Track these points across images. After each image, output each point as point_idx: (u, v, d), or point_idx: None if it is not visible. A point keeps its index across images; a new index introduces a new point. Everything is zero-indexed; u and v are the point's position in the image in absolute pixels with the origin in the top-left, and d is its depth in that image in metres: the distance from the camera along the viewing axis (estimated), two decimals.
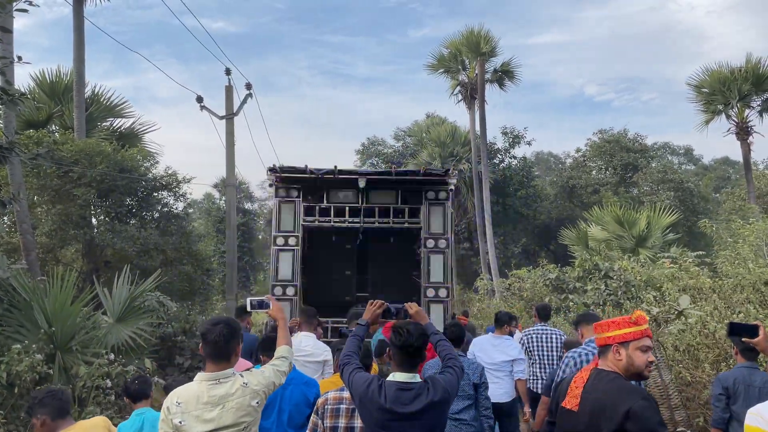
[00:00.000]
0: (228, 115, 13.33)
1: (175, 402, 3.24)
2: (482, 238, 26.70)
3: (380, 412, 3.29)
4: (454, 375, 3.52)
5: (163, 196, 13.39)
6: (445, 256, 9.18)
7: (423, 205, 9.19)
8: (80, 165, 11.54)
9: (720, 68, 23.06)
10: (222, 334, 3.28)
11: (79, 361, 7.14)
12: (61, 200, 11.58)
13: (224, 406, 3.21)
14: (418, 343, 3.39)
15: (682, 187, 29.59)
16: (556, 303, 15.31)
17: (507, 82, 27.38)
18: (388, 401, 3.28)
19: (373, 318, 3.95)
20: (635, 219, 17.47)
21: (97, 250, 12.72)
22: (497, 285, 21.24)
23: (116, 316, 8.21)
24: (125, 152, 12.39)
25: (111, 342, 8.00)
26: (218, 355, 3.29)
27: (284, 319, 3.88)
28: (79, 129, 13.73)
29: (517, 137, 33.20)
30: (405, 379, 3.36)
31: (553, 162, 58.10)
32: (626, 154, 33.10)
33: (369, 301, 4.03)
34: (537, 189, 34.58)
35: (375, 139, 41.01)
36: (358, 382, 3.42)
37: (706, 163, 59.38)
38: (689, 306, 7.38)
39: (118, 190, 11.98)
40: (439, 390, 3.35)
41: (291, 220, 9.28)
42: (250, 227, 43.00)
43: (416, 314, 3.86)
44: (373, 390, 3.33)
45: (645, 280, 13.44)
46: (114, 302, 8.26)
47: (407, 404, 3.28)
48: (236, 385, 3.28)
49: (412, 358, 3.41)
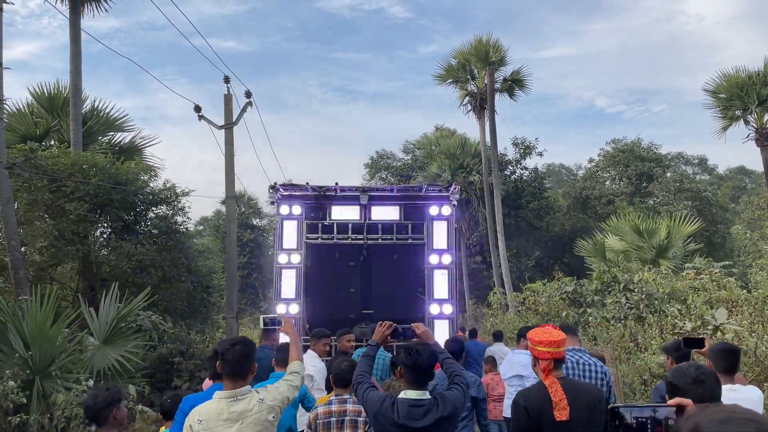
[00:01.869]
0: (227, 125, 12.82)
1: (196, 420, 3.39)
2: (494, 251, 26.00)
3: (394, 428, 3.52)
4: (461, 391, 3.76)
5: (162, 210, 12.86)
6: (449, 271, 9.08)
7: (426, 221, 9.11)
8: (73, 179, 11.06)
9: (737, 73, 22.31)
10: (241, 354, 3.45)
11: (60, 388, 6.58)
12: (54, 215, 11.08)
13: (243, 422, 3.38)
14: (428, 363, 3.62)
15: (699, 196, 28.78)
16: (574, 317, 14.62)
17: (517, 91, 26.78)
18: (401, 417, 3.50)
19: (383, 339, 4.10)
20: (655, 228, 16.72)
21: (93, 268, 12.20)
22: (511, 299, 20.51)
23: (102, 338, 7.63)
24: (120, 165, 11.89)
25: (98, 366, 7.43)
26: (236, 374, 3.46)
27: (296, 335, 4.05)
28: (76, 142, 13.30)
29: (528, 148, 32.56)
30: (416, 396, 3.58)
31: (564, 174, 57.39)
32: (641, 163, 32.31)
33: (378, 322, 4.17)
34: (549, 200, 33.87)
35: (384, 152, 40.52)
36: (372, 399, 3.64)
37: (721, 172, 58.46)
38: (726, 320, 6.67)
39: (113, 204, 11.46)
40: (448, 406, 3.59)
41: (294, 237, 9.19)
42: (259, 243, 42.54)
43: (423, 334, 4.07)
44: (386, 407, 3.55)
45: (668, 292, 12.74)
46: (100, 322, 7.68)
47: (418, 419, 3.51)
48: (253, 401, 3.45)
49: (422, 377, 3.63)
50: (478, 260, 33.11)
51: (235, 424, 3.38)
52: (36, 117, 15.83)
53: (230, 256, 13.11)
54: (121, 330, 7.71)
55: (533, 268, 31.85)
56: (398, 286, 9.70)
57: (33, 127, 15.23)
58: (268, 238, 43.65)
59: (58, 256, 11.16)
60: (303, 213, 9.26)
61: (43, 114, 15.81)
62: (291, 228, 9.26)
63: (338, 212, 9.34)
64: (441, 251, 9.12)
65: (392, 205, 9.36)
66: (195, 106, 12.68)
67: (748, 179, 56.97)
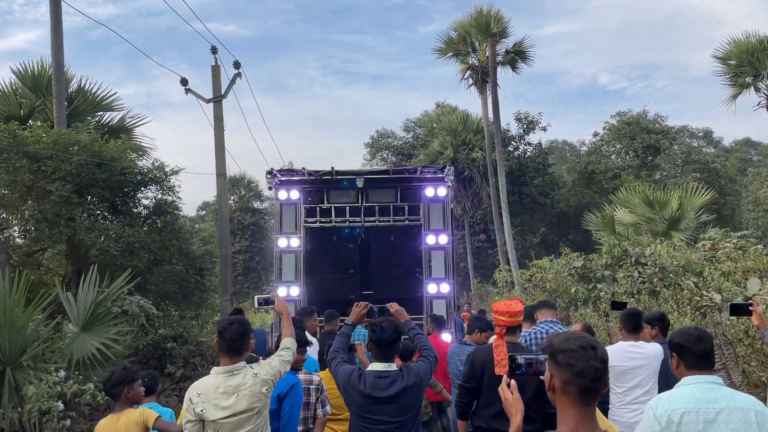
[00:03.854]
0: (215, 98, 12.18)
1: (195, 393, 3.67)
2: (499, 228, 25.41)
3: (361, 398, 3.76)
4: (428, 363, 3.99)
5: (152, 191, 12.25)
6: (446, 251, 9.29)
7: (422, 202, 9.30)
8: (54, 158, 10.46)
9: (747, 38, 21.50)
10: (237, 332, 3.73)
11: (33, 379, 6.03)
12: (36, 197, 10.50)
13: (238, 394, 3.65)
14: (391, 338, 3.86)
15: (707, 168, 28.09)
16: (583, 293, 14.08)
17: (520, 64, 25.99)
18: (367, 387, 3.75)
19: (358, 318, 4.37)
20: (666, 200, 16.05)
21: (81, 251, 11.64)
22: (517, 276, 19.95)
23: (81, 324, 7.07)
24: (103, 143, 11.26)
25: (77, 354, 6.90)
26: (233, 350, 3.74)
27: (288, 314, 4.36)
28: (60, 121, 12.63)
29: (531, 123, 31.81)
30: (382, 368, 3.83)
31: (568, 150, 56.55)
32: (647, 135, 31.52)
33: (355, 303, 4.48)
34: (554, 176, 33.17)
35: (384, 131, 39.81)
36: (341, 373, 3.91)
37: (726, 145, 57.56)
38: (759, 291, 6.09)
39: (98, 184, 10.85)
40: (412, 376, 3.83)
41: (293, 221, 9.40)
42: (260, 226, 42.08)
43: (396, 313, 4.33)
44: (354, 379, 3.81)
45: (683, 265, 12.15)
46: (79, 308, 7.12)
47: (384, 389, 3.74)
48: (248, 376, 3.72)
49: (387, 350, 3.88)
50: (482, 239, 32.53)
51: (232, 396, 3.64)
52: (20, 97, 15.19)
53: (223, 236, 12.54)
54: (100, 316, 7.13)
55: (538, 245, 31.28)
56: (396, 267, 9.91)
57: (17, 108, 14.59)
58: (269, 221, 43.15)
59: (41, 240, 10.59)
60: (301, 197, 9.43)
61: (28, 94, 15.16)
62: (289, 212, 9.43)
63: (336, 196, 9.55)
64: (437, 231, 9.29)
65: (388, 188, 9.57)
66: (181, 79, 12.06)
67: (754, 151, 56.13)
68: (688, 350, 3.11)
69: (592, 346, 2.07)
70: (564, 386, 2.07)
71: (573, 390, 2.05)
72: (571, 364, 2.04)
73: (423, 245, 9.32)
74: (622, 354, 5.01)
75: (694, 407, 2.91)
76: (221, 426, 3.63)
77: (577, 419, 2.06)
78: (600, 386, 2.07)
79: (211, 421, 3.63)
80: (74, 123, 14.21)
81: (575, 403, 2.06)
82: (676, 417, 2.88)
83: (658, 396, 3.11)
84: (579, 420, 2.06)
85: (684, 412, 2.88)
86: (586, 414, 2.07)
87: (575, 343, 2.08)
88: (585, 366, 2.03)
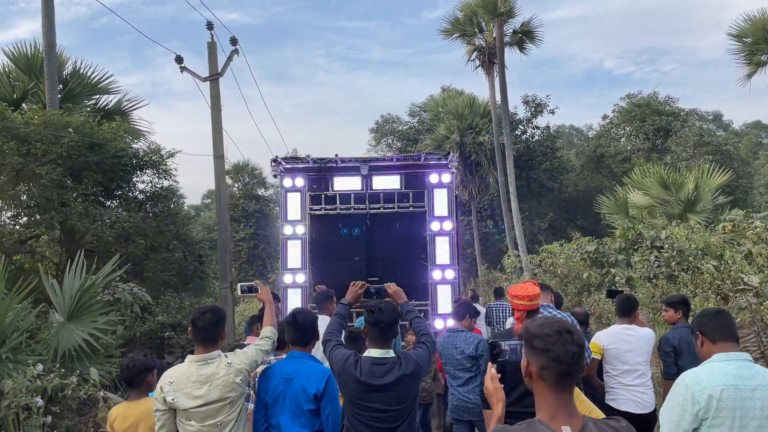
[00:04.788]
0: (212, 76, 11.64)
1: (167, 381, 3.58)
2: (507, 213, 24.87)
3: (356, 385, 3.59)
4: (426, 350, 3.81)
5: (148, 175, 11.79)
6: (450, 238, 9.34)
7: (426, 189, 9.34)
8: (44, 141, 10.01)
9: (763, 15, 20.79)
10: (210, 321, 3.64)
11: (12, 372, 5.60)
12: (25, 181, 10.06)
13: (211, 384, 3.57)
14: (389, 320, 3.66)
15: (720, 150, 27.40)
16: (596, 278, 13.58)
17: (528, 44, 25.31)
18: (363, 374, 3.58)
19: (355, 298, 4.19)
20: (682, 181, 15.47)
21: (76, 238, 11.22)
22: (526, 261, 19.45)
23: (67, 314, 6.63)
24: (94, 123, 10.79)
25: (64, 345, 6.47)
26: (206, 340, 3.66)
27: (271, 302, 4.24)
28: (52, 103, 12.18)
29: (539, 106, 31.10)
30: (379, 354, 3.66)
31: (575, 135, 55.79)
32: (658, 117, 30.78)
33: (351, 282, 4.30)
34: (562, 160, 32.51)
35: (389, 117, 39.16)
36: (336, 357, 3.73)
37: (736, 128, 56.68)
38: None
39: (90, 167, 10.39)
40: (410, 364, 3.64)
41: (297, 209, 9.44)
42: (264, 214, 41.70)
43: (394, 293, 4.14)
44: (349, 364, 3.63)
45: (701, 248, 11.62)
46: (64, 296, 6.68)
47: (380, 377, 3.57)
48: (222, 365, 3.64)
49: (385, 334, 3.69)
50: (490, 224, 31.99)
51: (204, 386, 3.57)
52: (14, 80, 14.74)
53: (221, 221, 12.07)
54: (86, 304, 6.68)
55: (546, 230, 30.72)
56: (401, 254, 9.91)
57: (10, 90, 14.16)
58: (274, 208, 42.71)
59: (31, 226, 10.16)
60: (306, 185, 9.47)
61: (21, 76, 14.71)
62: (294, 200, 9.49)
63: (340, 183, 9.55)
64: (442, 218, 9.34)
65: (393, 174, 9.55)
66: (176, 57, 11.53)
67: (765, 134, 55.25)
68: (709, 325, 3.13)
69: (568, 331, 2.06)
70: (540, 372, 2.05)
71: (549, 375, 2.04)
72: (548, 349, 2.03)
73: (428, 231, 9.36)
74: (617, 337, 5.26)
75: (733, 384, 2.89)
76: (193, 415, 3.58)
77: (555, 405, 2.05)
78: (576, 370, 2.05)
79: (183, 410, 3.57)
80: (69, 106, 13.76)
81: (552, 389, 2.05)
82: (717, 393, 2.86)
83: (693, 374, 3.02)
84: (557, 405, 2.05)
85: (723, 388, 2.86)
86: (563, 399, 2.06)
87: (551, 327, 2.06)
88: (561, 350, 2.01)
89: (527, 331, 2.13)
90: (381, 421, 3.61)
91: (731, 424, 2.85)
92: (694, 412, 2.88)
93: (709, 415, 2.86)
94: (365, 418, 3.62)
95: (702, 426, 2.90)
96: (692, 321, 3.34)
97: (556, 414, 2.04)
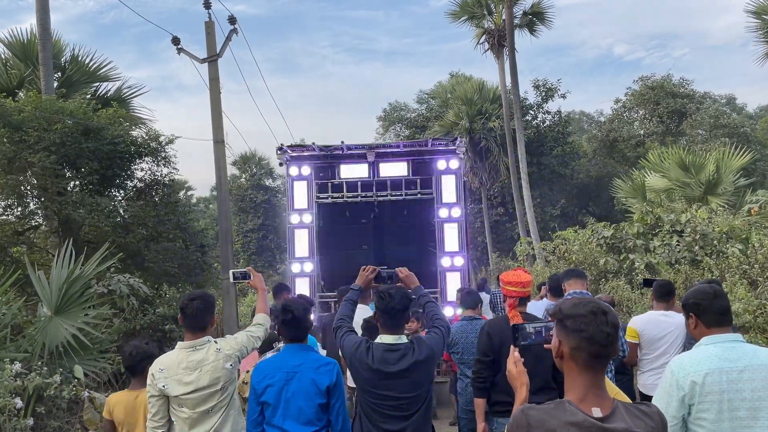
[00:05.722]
0: (210, 57, 11.18)
1: (158, 369, 3.64)
2: (518, 200, 24.32)
3: (369, 372, 3.53)
4: (440, 335, 3.71)
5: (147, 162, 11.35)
6: (459, 224, 9.23)
7: (434, 175, 9.20)
8: (37, 127, 9.59)
9: None
10: (198, 308, 3.68)
11: None
12: (17, 170, 9.66)
13: (201, 369, 3.61)
14: (401, 306, 3.59)
15: (737, 132, 26.68)
16: (614, 265, 13.07)
17: (538, 26, 24.66)
18: (375, 362, 3.51)
19: (366, 283, 4.07)
20: (702, 163, 14.89)
21: (74, 229, 10.83)
22: (540, 249, 18.94)
23: (54, 307, 6.21)
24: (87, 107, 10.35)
25: (52, 341, 6.06)
26: (195, 326, 3.71)
27: (264, 289, 4.24)
28: (47, 89, 11.74)
29: (550, 90, 30.42)
30: (391, 340, 3.58)
31: (585, 121, 54.98)
32: (672, 100, 30.01)
33: (362, 267, 4.16)
34: (574, 146, 31.85)
35: (397, 104, 38.60)
36: (348, 344, 3.66)
37: (750, 111, 55.66)
38: None
39: (85, 155, 9.97)
40: (424, 349, 3.57)
41: (304, 197, 9.33)
42: (272, 204, 41.38)
43: (406, 278, 4.02)
44: (361, 351, 3.57)
45: (726, 231, 11.08)
46: (52, 288, 6.26)
47: (393, 364, 3.50)
48: (211, 351, 3.67)
49: (397, 320, 3.62)
50: (500, 212, 31.45)
51: (194, 372, 3.58)
52: (10, 68, 14.35)
53: (222, 209, 11.65)
54: (74, 297, 6.26)
55: (558, 217, 30.16)
56: (410, 241, 9.97)
57: (6, 78, 13.77)
58: (282, 199, 42.32)
59: (25, 216, 9.77)
60: (312, 173, 9.36)
61: (17, 63, 14.32)
62: (301, 188, 9.37)
63: (347, 171, 9.43)
64: (450, 205, 9.22)
65: (400, 161, 9.43)
66: (173, 38, 11.09)
67: None
68: (706, 308, 3.02)
69: (603, 311, 2.01)
70: (572, 352, 2.01)
71: (582, 356, 1.99)
72: (581, 329, 1.98)
73: (436, 219, 9.23)
74: (654, 322, 5.26)
75: (717, 367, 2.82)
76: (185, 401, 3.58)
77: (586, 386, 2.00)
78: (610, 352, 2.00)
79: (174, 396, 3.58)
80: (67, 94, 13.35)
81: (584, 370, 2.00)
82: (699, 378, 2.80)
83: (678, 359, 2.99)
84: (588, 387, 2.00)
85: (707, 373, 2.81)
86: (595, 381, 2.00)
87: (585, 308, 2.02)
88: (595, 331, 1.97)
89: (560, 311, 2.06)
90: (395, 408, 3.52)
91: (719, 408, 2.77)
92: (679, 398, 2.82)
93: (694, 400, 2.80)
94: (379, 406, 3.53)
95: (691, 411, 2.84)
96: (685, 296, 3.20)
97: (586, 395, 1.97)
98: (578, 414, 1.93)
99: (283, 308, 3.80)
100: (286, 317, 3.74)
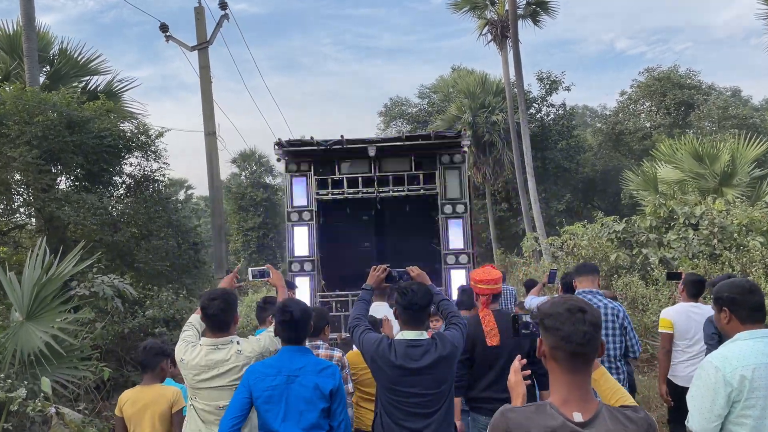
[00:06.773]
0: (200, 45, 10.65)
1: (180, 359, 3.69)
2: (523, 195, 23.76)
3: (392, 369, 3.47)
4: (459, 331, 3.69)
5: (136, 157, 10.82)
6: (463, 220, 8.98)
7: (438, 170, 8.91)
8: (18, 121, 9.08)
9: None
10: (220, 308, 3.63)
11: None
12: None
13: (219, 369, 3.59)
14: (423, 302, 3.57)
15: (746, 123, 26.09)
16: (626, 260, 12.53)
17: (542, 16, 24.09)
18: (398, 358, 3.46)
19: (377, 283, 4.05)
20: (717, 153, 14.32)
21: (60, 227, 10.32)
22: (546, 244, 18.39)
23: (26, 311, 5.68)
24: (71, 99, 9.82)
25: (24, 348, 5.54)
26: (217, 326, 3.68)
27: (283, 287, 4.22)
28: (32, 81, 11.23)
29: (554, 82, 29.83)
30: (413, 336, 3.54)
31: (589, 115, 54.35)
32: (679, 91, 29.40)
33: (372, 266, 4.16)
34: (579, 139, 31.25)
35: (398, 99, 37.98)
36: (368, 342, 3.60)
37: (756, 103, 55.02)
38: None
39: (69, 149, 9.44)
40: (447, 345, 3.53)
41: (304, 194, 9.08)
42: (273, 203, 40.93)
43: (418, 277, 3.95)
44: (383, 348, 3.51)
45: (745, 223, 10.53)
46: (23, 290, 5.74)
47: (417, 360, 3.45)
48: (231, 352, 3.64)
49: (419, 316, 3.59)
50: (504, 208, 30.90)
51: (212, 370, 3.59)
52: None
53: (215, 206, 11.11)
54: (46, 300, 5.73)
55: (563, 212, 29.58)
56: (412, 238, 9.60)
57: None
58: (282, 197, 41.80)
59: (6, 214, 9.25)
60: (311, 169, 9.07)
61: (3, 57, 13.81)
62: (300, 185, 9.10)
63: (347, 166, 9.15)
64: (454, 200, 8.93)
65: (402, 156, 9.06)
66: (161, 25, 10.56)
67: None
68: (741, 303, 2.93)
69: (581, 309, 1.96)
70: (552, 351, 1.98)
71: (561, 355, 1.95)
72: (558, 328, 1.95)
73: (439, 215, 8.93)
74: (685, 313, 5.37)
75: (764, 362, 2.74)
76: (199, 393, 3.64)
77: (568, 387, 1.95)
78: (589, 351, 1.94)
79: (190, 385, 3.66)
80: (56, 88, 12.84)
81: (565, 370, 1.95)
82: (749, 373, 2.70)
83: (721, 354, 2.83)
84: (570, 389, 1.94)
85: (755, 367, 2.71)
86: (577, 382, 1.95)
87: (562, 306, 1.99)
88: (572, 330, 1.92)
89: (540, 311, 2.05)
90: (418, 406, 3.46)
91: (764, 404, 2.68)
92: (726, 394, 2.70)
93: (741, 396, 2.68)
94: (402, 404, 3.47)
95: (734, 409, 2.71)
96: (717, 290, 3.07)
97: (568, 398, 1.93)
98: (558, 418, 1.88)
99: (282, 308, 3.56)
100: (284, 318, 3.52)
